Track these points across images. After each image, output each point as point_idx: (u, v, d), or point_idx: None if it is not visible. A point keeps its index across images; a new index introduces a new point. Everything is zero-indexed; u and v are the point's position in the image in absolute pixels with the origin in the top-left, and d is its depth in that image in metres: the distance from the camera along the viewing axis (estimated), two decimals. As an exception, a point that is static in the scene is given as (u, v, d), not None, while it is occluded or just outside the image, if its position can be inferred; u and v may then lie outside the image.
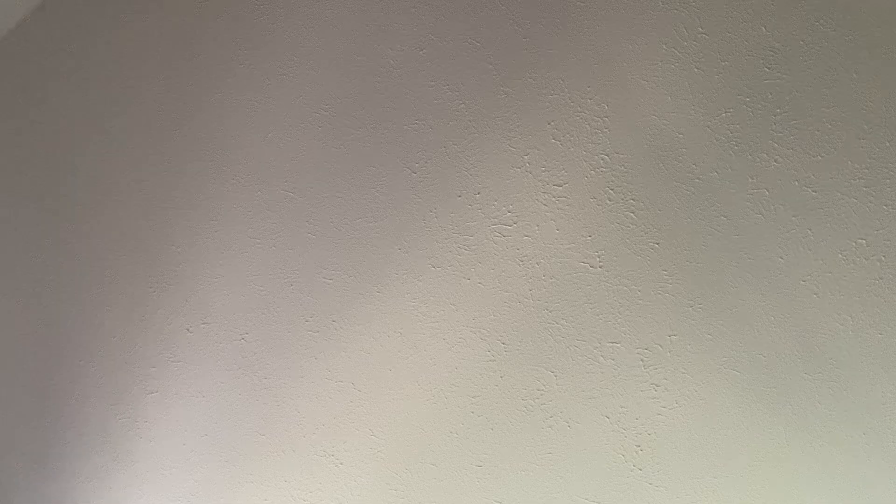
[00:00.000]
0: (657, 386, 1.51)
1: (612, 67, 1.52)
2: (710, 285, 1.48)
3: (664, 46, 1.49)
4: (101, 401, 1.87)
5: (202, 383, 1.79)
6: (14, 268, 1.94)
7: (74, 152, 1.89)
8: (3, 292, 1.95)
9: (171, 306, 1.81)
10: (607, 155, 1.53)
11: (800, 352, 1.45)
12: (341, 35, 1.70)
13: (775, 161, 1.44)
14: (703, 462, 1.49)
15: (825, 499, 1.45)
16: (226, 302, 1.77)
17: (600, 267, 1.53)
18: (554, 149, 1.56)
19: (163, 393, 1.82)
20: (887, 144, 1.39)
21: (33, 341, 1.93)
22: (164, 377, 1.82)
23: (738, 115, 1.46)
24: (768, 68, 1.44)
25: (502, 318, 1.59)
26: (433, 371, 1.62)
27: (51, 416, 1.91)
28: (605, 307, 1.53)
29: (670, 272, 1.50)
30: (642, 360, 1.52)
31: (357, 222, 1.69)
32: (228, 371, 1.77)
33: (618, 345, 1.53)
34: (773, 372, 1.46)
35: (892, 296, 1.40)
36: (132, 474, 1.85)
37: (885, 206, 1.40)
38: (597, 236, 1.53)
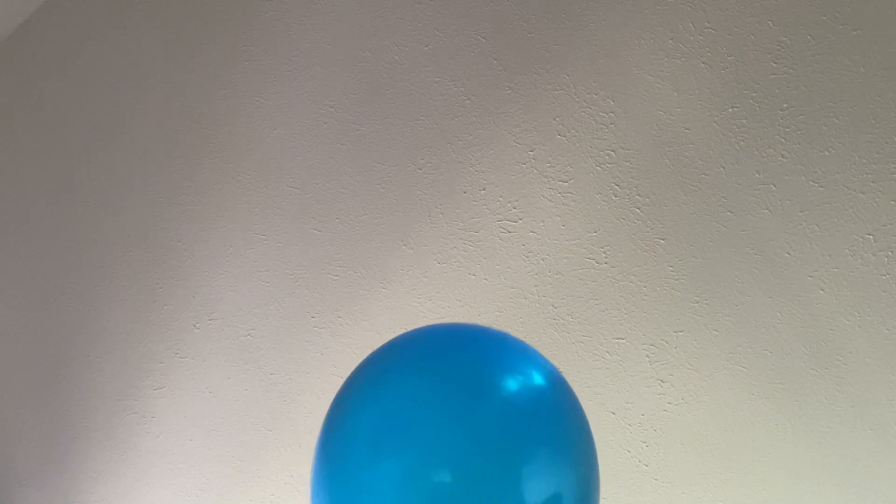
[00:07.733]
0: (663, 382, 1.51)
1: (618, 62, 1.52)
2: (716, 281, 1.48)
3: (670, 41, 1.48)
4: (109, 397, 1.87)
5: (209, 379, 1.80)
6: (21, 266, 1.95)
7: (80, 151, 1.90)
8: (11, 289, 1.96)
9: (177, 303, 1.81)
10: (613, 150, 1.52)
11: (806, 348, 1.45)
12: (346, 31, 1.70)
13: (782, 156, 1.44)
14: (708, 458, 1.49)
15: (831, 494, 1.45)
16: (232, 298, 1.77)
17: (606, 263, 1.53)
18: (559, 144, 1.56)
19: (170, 388, 1.83)
20: (895, 139, 1.39)
21: (41, 337, 1.94)
22: (170, 373, 1.83)
23: (745, 110, 1.45)
24: (775, 63, 1.43)
25: (508, 314, 1.59)
26: (439, 367, 1.62)
27: (58, 412, 1.92)
28: (611, 303, 1.53)
29: (676, 268, 1.50)
30: (648, 356, 1.52)
31: (362, 218, 1.69)
32: (235, 367, 1.77)
33: (623, 341, 1.53)
34: (780, 368, 1.46)
35: (900, 291, 1.40)
36: (140, 470, 1.85)
37: (893, 201, 1.39)
38: (602, 232, 1.53)
